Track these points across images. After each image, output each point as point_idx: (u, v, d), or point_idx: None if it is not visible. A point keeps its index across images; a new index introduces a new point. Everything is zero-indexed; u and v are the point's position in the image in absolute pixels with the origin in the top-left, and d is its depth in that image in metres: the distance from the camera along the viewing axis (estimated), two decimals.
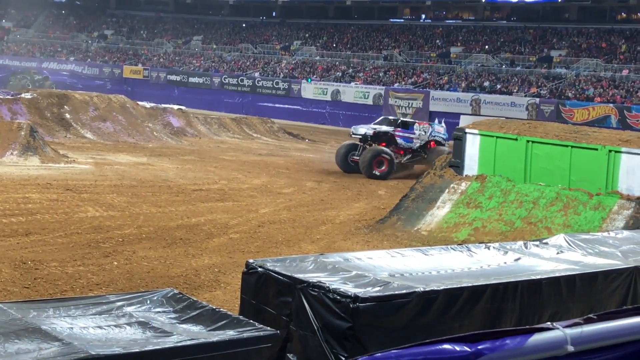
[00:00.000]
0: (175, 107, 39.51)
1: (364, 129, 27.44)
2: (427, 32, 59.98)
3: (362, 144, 26.82)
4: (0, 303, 5.86)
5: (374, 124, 28.48)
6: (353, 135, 27.65)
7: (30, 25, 72.72)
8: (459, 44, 56.01)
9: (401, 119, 29.46)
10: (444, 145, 27.46)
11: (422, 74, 52.77)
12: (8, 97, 32.54)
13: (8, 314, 5.58)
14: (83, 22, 74.36)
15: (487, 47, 54.25)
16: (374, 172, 25.56)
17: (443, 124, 28.97)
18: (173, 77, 62.05)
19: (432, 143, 27.50)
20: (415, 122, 28.58)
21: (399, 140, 27.21)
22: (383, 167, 25.75)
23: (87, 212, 16.01)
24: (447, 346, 3.29)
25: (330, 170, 27.18)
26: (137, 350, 5.11)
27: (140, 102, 37.91)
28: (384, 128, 27.56)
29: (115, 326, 5.64)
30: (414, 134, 27.43)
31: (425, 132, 27.58)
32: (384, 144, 26.72)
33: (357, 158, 26.22)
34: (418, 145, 27.38)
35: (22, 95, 33.37)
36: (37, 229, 14.04)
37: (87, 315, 5.82)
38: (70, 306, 5.97)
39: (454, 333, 6.48)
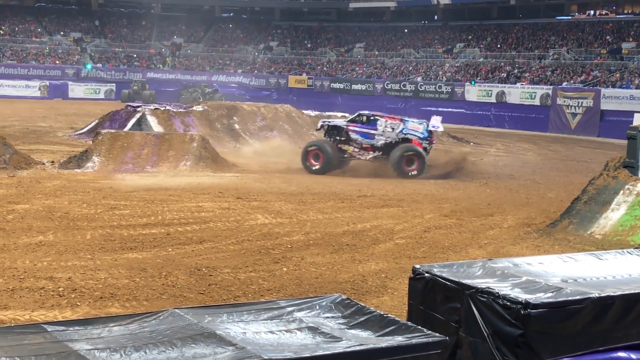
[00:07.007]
0: (339, 114, 40.00)
1: (321, 123, 27.02)
2: (597, 28, 57.79)
3: (327, 137, 26.31)
4: (177, 309, 6.09)
5: (347, 120, 27.04)
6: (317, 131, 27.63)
7: (199, 40, 75.68)
8: (631, 39, 53.58)
9: (364, 113, 26.68)
10: (426, 148, 25.44)
11: (592, 71, 50.88)
12: (181, 110, 34.00)
13: (185, 319, 5.81)
14: (249, 34, 76.65)
15: None
16: (309, 165, 25.29)
17: (427, 122, 26.20)
18: (336, 85, 62.90)
19: (412, 141, 25.32)
20: (380, 118, 25.87)
21: (354, 136, 25.68)
22: (318, 161, 25.25)
23: (256, 219, 16.45)
24: (622, 354, 3.17)
25: (498, 172, 26.70)
26: (308, 355, 5.20)
27: (305, 111, 38.67)
28: (335, 122, 26.85)
29: (286, 331, 5.75)
30: (376, 130, 25.55)
31: (393, 129, 25.48)
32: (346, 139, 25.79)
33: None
34: (382, 142, 25.45)
35: (194, 107, 34.80)
36: (210, 237, 14.54)
37: (259, 320, 5.97)
38: (243, 311, 6.14)
39: (630, 340, 6.22)
